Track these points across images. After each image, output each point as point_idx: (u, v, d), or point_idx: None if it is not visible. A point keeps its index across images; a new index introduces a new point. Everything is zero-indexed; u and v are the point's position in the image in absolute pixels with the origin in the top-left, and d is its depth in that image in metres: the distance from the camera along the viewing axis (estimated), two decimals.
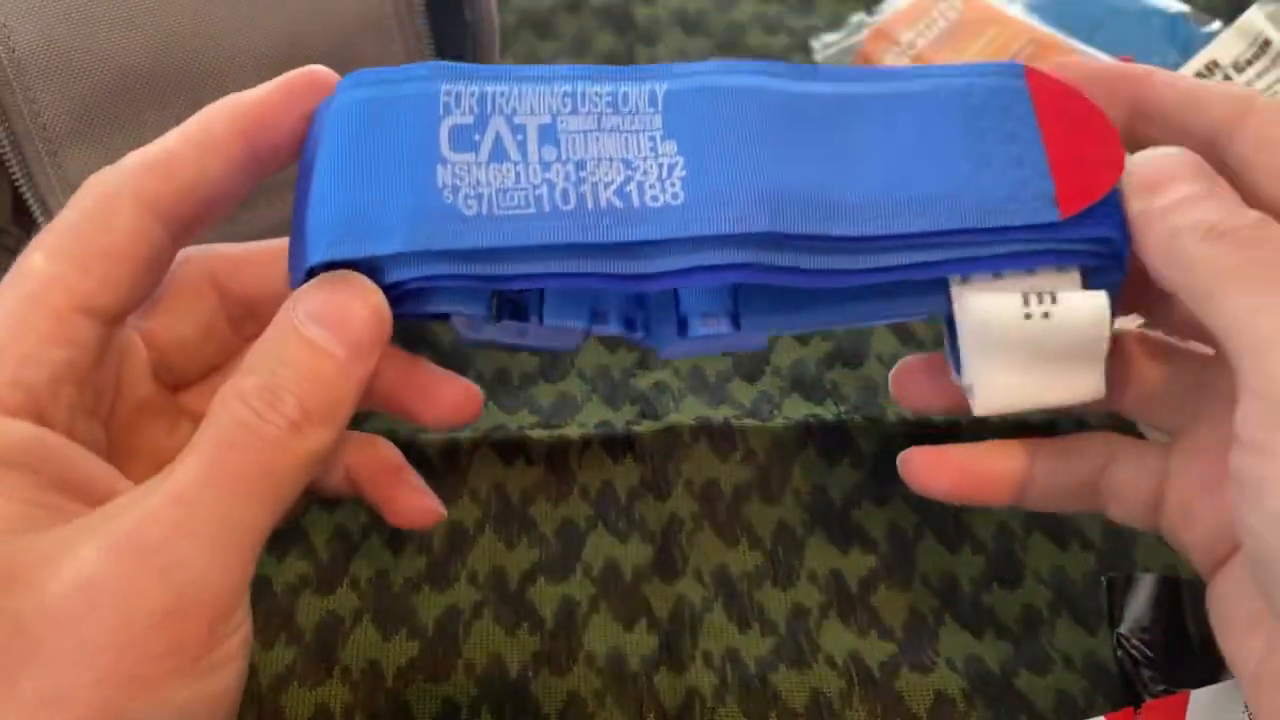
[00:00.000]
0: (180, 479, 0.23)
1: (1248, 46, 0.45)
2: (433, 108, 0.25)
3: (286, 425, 0.24)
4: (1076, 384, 0.27)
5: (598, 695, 0.35)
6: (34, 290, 0.24)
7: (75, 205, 0.25)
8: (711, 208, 0.25)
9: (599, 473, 0.40)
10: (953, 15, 0.51)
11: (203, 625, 0.23)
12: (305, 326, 0.24)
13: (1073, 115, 0.27)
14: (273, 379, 0.24)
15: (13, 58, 0.34)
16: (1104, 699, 0.35)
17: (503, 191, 0.25)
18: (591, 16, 0.56)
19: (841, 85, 0.27)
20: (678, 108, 0.26)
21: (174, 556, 0.22)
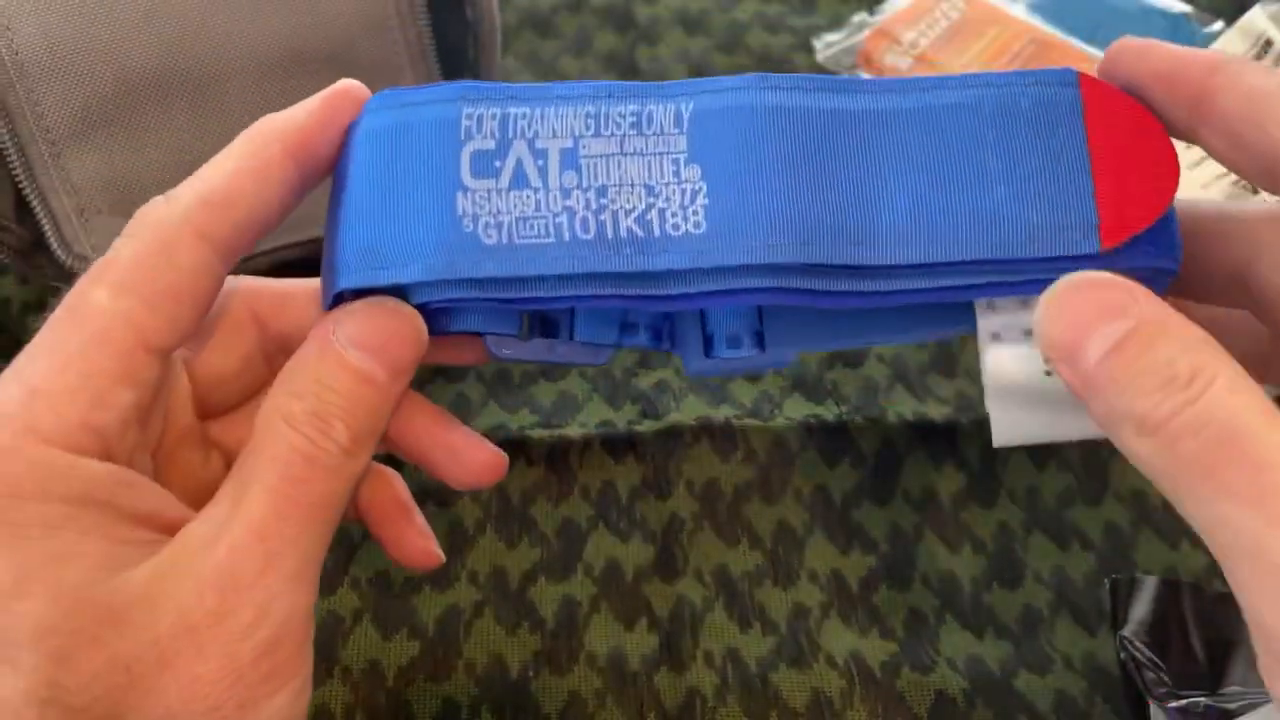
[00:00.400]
0: (255, 513, 0.24)
1: (1250, 47, 0.45)
2: (454, 133, 0.25)
3: (339, 452, 0.25)
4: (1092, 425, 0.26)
5: (598, 695, 0.35)
6: (101, 329, 0.24)
7: (135, 239, 0.25)
8: (733, 238, 0.24)
9: (600, 472, 0.40)
10: (955, 15, 0.51)
11: (293, 650, 0.24)
12: (348, 351, 0.25)
13: (1127, 130, 0.25)
14: (321, 405, 0.25)
15: (15, 59, 0.34)
16: (1104, 700, 0.35)
17: (522, 220, 0.25)
18: (592, 15, 0.56)
19: (879, 99, 0.25)
20: (703, 129, 0.25)
21: (267, 592, 0.23)
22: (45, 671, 0.21)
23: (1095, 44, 0.50)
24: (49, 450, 0.23)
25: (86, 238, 0.36)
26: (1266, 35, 0.44)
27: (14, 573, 0.22)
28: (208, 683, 0.23)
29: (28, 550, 0.22)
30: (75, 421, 0.24)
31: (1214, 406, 0.21)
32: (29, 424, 0.23)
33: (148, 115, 0.36)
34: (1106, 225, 0.24)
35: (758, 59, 0.55)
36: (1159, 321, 0.23)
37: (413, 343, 0.26)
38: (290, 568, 0.24)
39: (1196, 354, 0.22)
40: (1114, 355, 0.22)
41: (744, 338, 0.29)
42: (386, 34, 0.38)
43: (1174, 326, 0.22)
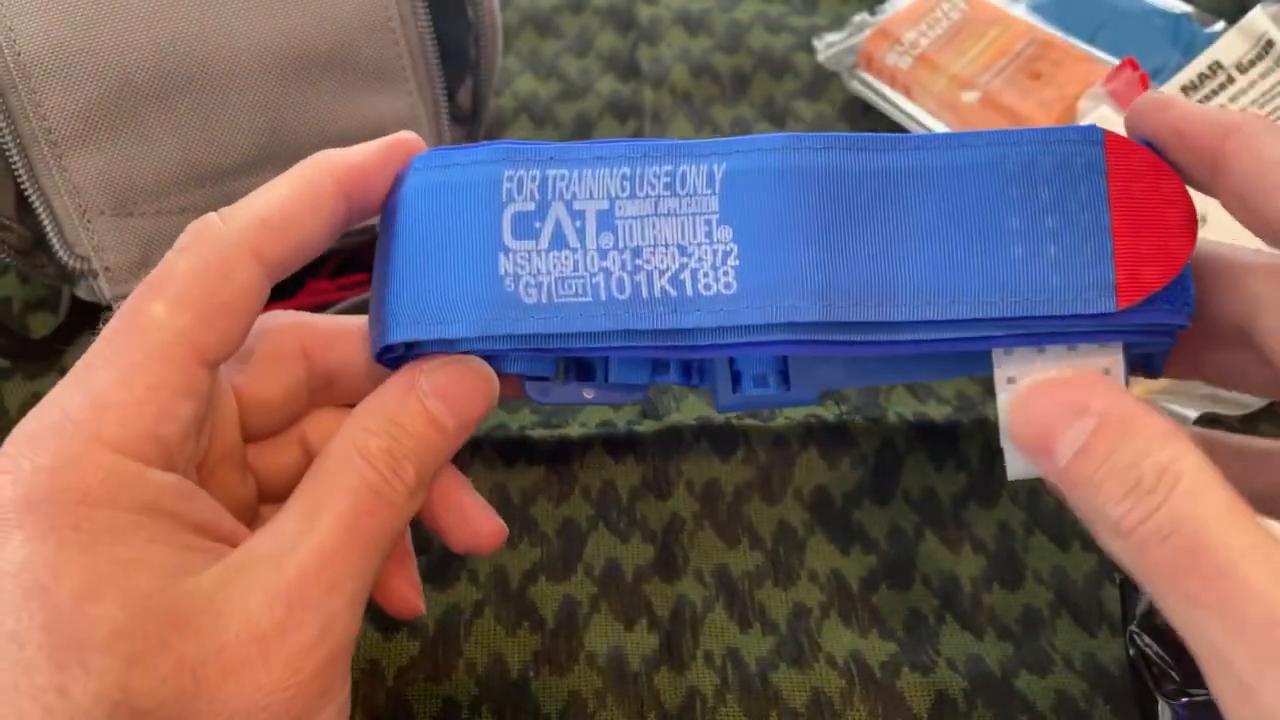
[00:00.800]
0: (326, 538, 0.25)
1: (1251, 47, 0.45)
2: (496, 194, 0.27)
3: (406, 492, 0.26)
4: None
5: (598, 695, 0.35)
6: (162, 343, 0.25)
7: (190, 253, 0.26)
8: (761, 298, 0.25)
9: (600, 472, 0.40)
10: (956, 15, 0.51)
11: (345, 669, 0.26)
12: (429, 399, 0.27)
13: (1149, 187, 0.26)
14: (396, 445, 0.26)
15: (18, 61, 0.34)
16: (1104, 700, 0.35)
17: (561, 280, 0.26)
18: (594, 15, 0.56)
19: (906, 156, 0.26)
20: (735, 190, 0.26)
21: (331, 612, 0.25)
22: (116, 674, 0.22)
23: (1096, 45, 0.50)
24: (118, 459, 0.24)
25: (89, 239, 0.36)
26: (1268, 36, 0.44)
27: (86, 577, 0.23)
28: (269, 693, 0.23)
29: (99, 555, 0.23)
30: (142, 432, 0.24)
31: (1177, 512, 0.22)
32: (97, 433, 0.24)
33: (150, 116, 0.36)
34: (1123, 285, 0.25)
35: (759, 59, 0.55)
36: (1121, 420, 0.23)
37: (485, 399, 0.28)
38: (351, 592, 0.25)
39: (1160, 452, 0.22)
40: (1081, 459, 0.23)
41: (770, 377, 0.31)
42: (388, 35, 0.38)
43: (1137, 423, 0.23)
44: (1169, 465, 0.22)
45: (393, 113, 0.39)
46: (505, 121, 0.52)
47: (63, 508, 0.23)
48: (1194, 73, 0.45)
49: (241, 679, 0.23)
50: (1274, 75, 0.44)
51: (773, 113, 0.52)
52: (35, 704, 0.21)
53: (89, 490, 0.23)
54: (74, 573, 0.22)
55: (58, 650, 0.22)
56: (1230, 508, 0.21)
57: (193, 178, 0.37)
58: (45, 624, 0.22)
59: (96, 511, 0.23)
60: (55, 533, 0.23)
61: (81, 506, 0.23)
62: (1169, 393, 0.41)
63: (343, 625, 0.25)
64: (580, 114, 0.52)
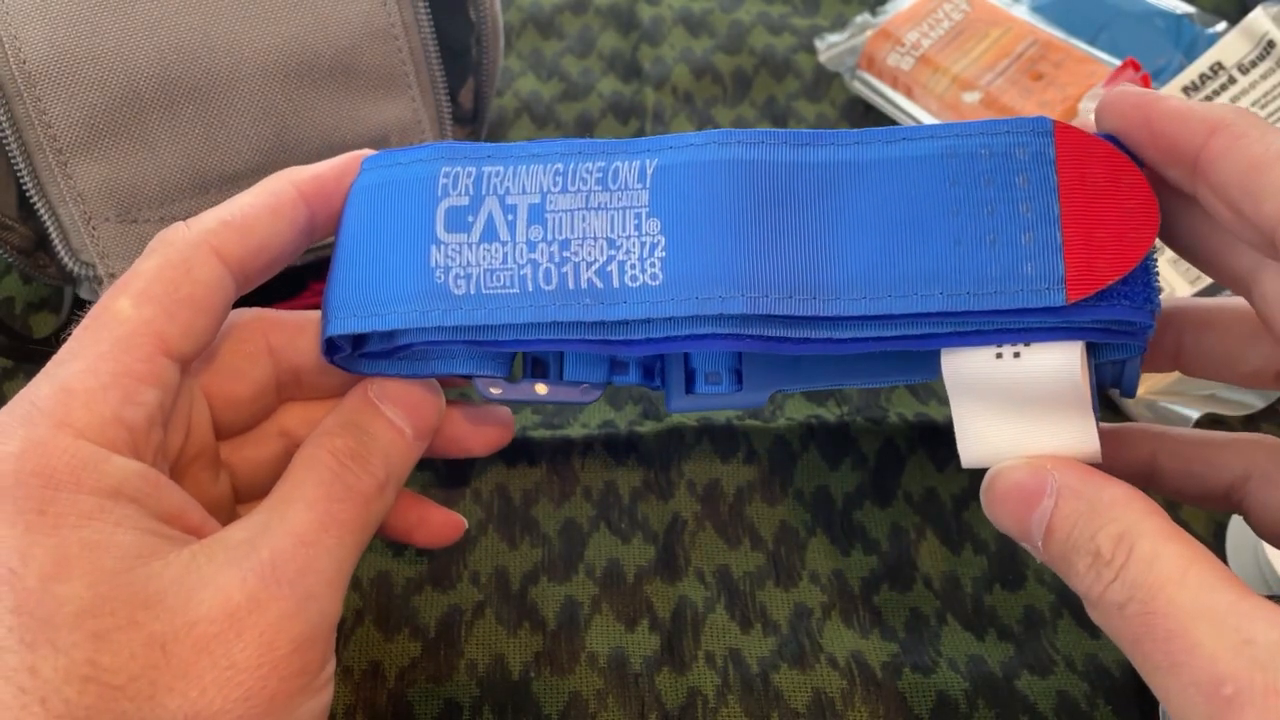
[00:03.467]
0: (300, 521, 0.26)
1: (1252, 48, 0.45)
2: (431, 190, 0.27)
3: (375, 485, 0.28)
4: (1063, 436, 0.25)
5: (599, 695, 0.35)
6: (126, 334, 0.26)
7: (156, 254, 0.27)
8: (687, 289, 0.25)
9: (601, 473, 0.40)
10: (957, 16, 0.51)
11: (323, 649, 0.26)
12: (384, 406, 0.29)
13: (1104, 178, 0.24)
14: (360, 445, 0.28)
15: (23, 69, 0.34)
16: (1105, 701, 0.35)
17: (489, 272, 0.26)
18: (596, 16, 0.56)
19: (842, 151, 0.26)
20: (666, 184, 0.26)
21: (307, 591, 0.25)
22: (85, 650, 0.22)
23: (1098, 45, 0.50)
24: (83, 444, 0.24)
25: (93, 245, 0.36)
26: (1269, 36, 0.44)
27: (53, 558, 0.23)
28: (243, 669, 0.24)
29: (65, 537, 0.23)
30: (108, 416, 0.25)
31: (1132, 580, 0.22)
32: (64, 419, 0.24)
33: (154, 124, 0.36)
34: (1074, 277, 0.24)
35: (760, 60, 0.55)
36: (1077, 493, 0.24)
37: (434, 409, 0.30)
38: (327, 573, 0.26)
39: (1115, 523, 0.23)
40: (1049, 539, 0.24)
41: (723, 375, 0.30)
42: (391, 42, 0.39)
43: (1094, 495, 0.24)
44: (1123, 534, 0.23)
45: (396, 119, 0.40)
46: (507, 122, 0.52)
47: (29, 492, 0.23)
48: (1195, 73, 0.45)
49: (214, 654, 0.23)
50: (1275, 76, 0.44)
51: (774, 113, 0.52)
52: (9, 684, 0.22)
53: (54, 473, 0.24)
54: (40, 555, 0.23)
55: (27, 630, 0.22)
56: (1184, 569, 0.22)
57: (197, 185, 0.37)
58: (14, 606, 0.22)
59: (61, 495, 0.23)
60: (23, 517, 0.23)
61: (46, 490, 0.23)
62: (1170, 393, 0.41)
63: (320, 606, 0.25)
64: (582, 114, 0.52)
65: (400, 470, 0.29)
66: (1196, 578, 0.22)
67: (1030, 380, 0.25)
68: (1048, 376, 0.25)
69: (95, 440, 0.24)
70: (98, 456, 0.24)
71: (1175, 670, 0.21)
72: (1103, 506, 0.24)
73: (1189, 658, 0.21)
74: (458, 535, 0.35)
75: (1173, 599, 0.22)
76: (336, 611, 0.26)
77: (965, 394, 0.26)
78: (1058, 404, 0.25)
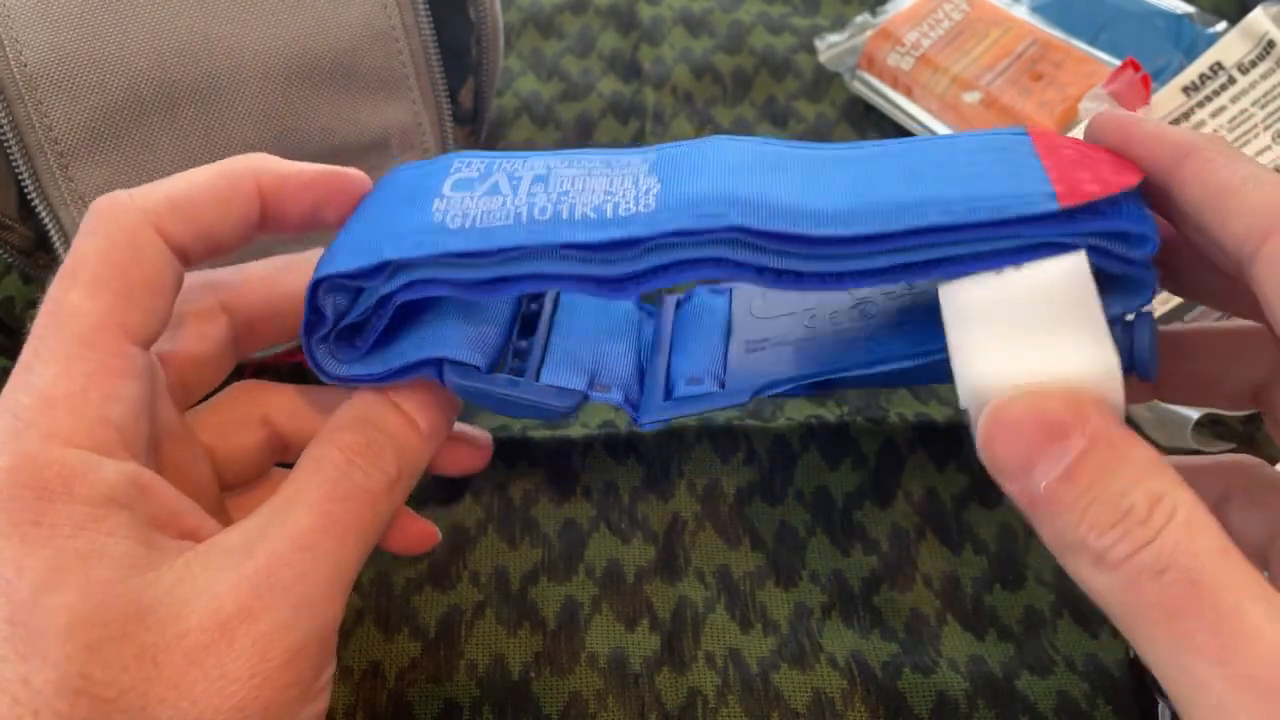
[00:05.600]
0: (299, 525, 0.25)
1: (1252, 48, 0.44)
2: (444, 169, 0.28)
3: (386, 482, 0.27)
4: (1079, 356, 0.23)
5: (599, 695, 0.35)
6: (89, 329, 0.25)
7: (99, 234, 0.26)
8: (679, 209, 0.25)
9: (601, 473, 0.40)
10: (957, 16, 0.51)
11: (321, 656, 0.25)
12: (399, 398, 0.28)
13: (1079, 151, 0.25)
14: (373, 440, 0.27)
15: (25, 72, 0.34)
16: (1105, 701, 0.35)
17: (487, 213, 0.27)
18: (596, 15, 0.56)
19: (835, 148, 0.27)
20: (664, 157, 0.27)
21: (302, 598, 0.24)
22: (77, 663, 0.22)
23: (1098, 45, 0.50)
24: (72, 452, 0.24)
25: None
26: (1269, 36, 0.44)
27: (47, 569, 0.23)
28: (235, 680, 0.23)
29: (60, 548, 0.23)
30: (93, 419, 0.24)
31: (1174, 548, 0.20)
32: (50, 429, 0.24)
33: (155, 127, 0.36)
34: (1064, 193, 0.24)
35: (760, 59, 0.55)
36: (1110, 443, 0.21)
37: (449, 405, 0.29)
38: (326, 579, 0.25)
39: (1151, 482, 0.21)
40: (1064, 483, 0.21)
41: (705, 379, 0.30)
42: (391, 44, 0.39)
43: (1126, 448, 0.21)
44: (1161, 497, 0.21)
45: (396, 121, 0.40)
46: (507, 121, 0.52)
47: (23, 504, 0.23)
48: (1195, 74, 0.45)
49: (205, 665, 0.23)
50: (1275, 76, 0.44)
51: (774, 113, 0.52)
52: (4, 695, 0.22)
53: (46, 485, 0.23)
54: (35, 566, 0.23)
55: (20, 641, 0.22)
56: (1226, 548, 0.20)
57: None
58: (9, 617, 0.22)
59: (55, 506, 0.23)
60: (18, 529, 0.23)
61: (40, 501, 0.23)
62: None
63: (318, 614, 0.25)
64: (582, 114, 0.52)
65: (413, 468, 0.28)
66: (1240, 559, 0.20)
67: (1036, 294, 0.24)
68: (1055, 286, 0.24)
69: (84, 446, 0.24)
70: (88, 464, 0.24)
71: (1227, 656, 0.19)
72: (1138, 462, 0.21)
73: (1248, 646, 0.19)
74: (430, 545, 0.34)
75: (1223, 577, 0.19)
76: (337, 617, 0.26)
77: (966, 323, 0.25)
78: (1068, 320, 0.24)
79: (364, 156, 0.39)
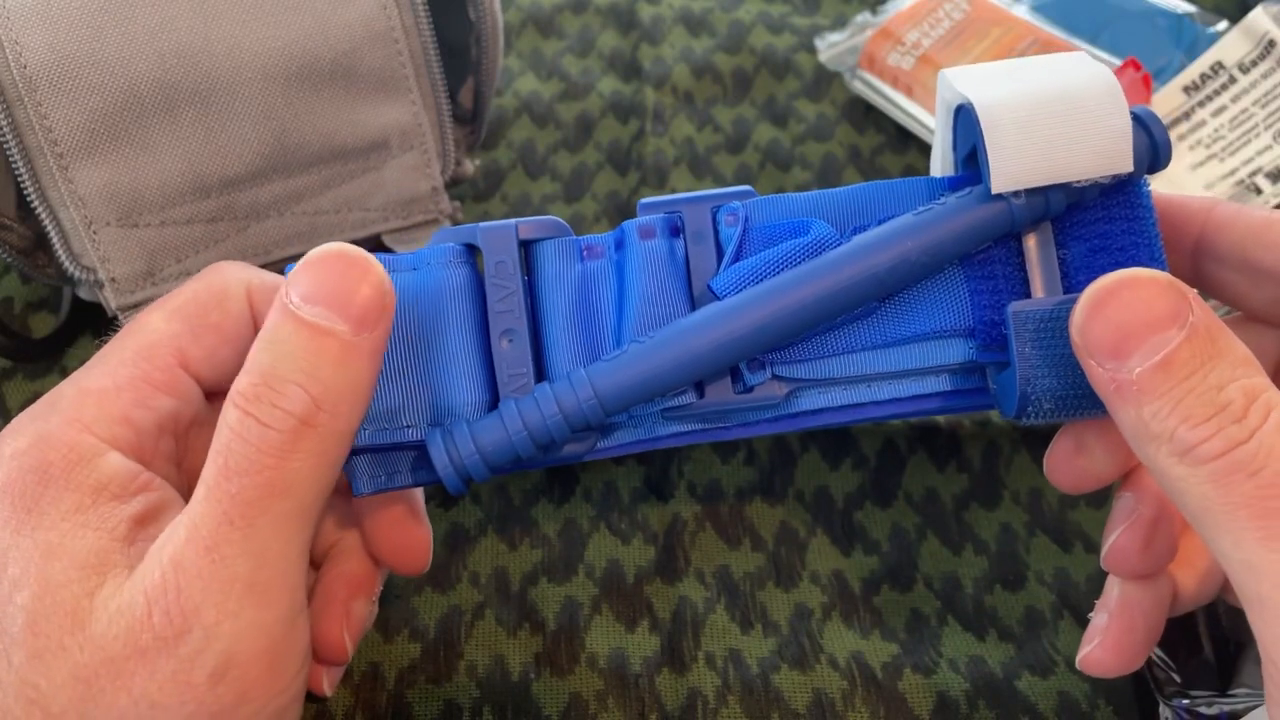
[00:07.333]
0: (195, 519, 0.22)
1: (1253, 47, 0.44)
2: None
3: (293, 423, 0.23)
4: (1100, 142, 0.25)
5: (599, 696, 0.35)
6: (149, 343, 0.26)
7: (201, 279, 0.28)
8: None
9: (601, 474, 0.40)
10: (958, 15, 0.51)
11: (264, 668, 0.23)
12: (302, 309, 0.23)
13: None
14: (273, 370, 0.23)
15: (24, 74, 0.34)
16: (1106, 702, 0.35)
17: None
18: (596, 15, 0.56)
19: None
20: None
21: (218, 610, 0.22)
22: (26, 671, 0.22)
23: (1099, 45, 0.50)
24: (86, 437, 0.24)
25: (94, 250, 0.36)
26: (1270, 36, 0.44)
27: (23, 563, 0.23)
28: (164, 707, 0.22)
29: (37, 540, 0.23)
30: (116, 415, 0.25)
31: (1272, 448, 0.20)
32: (75, 416, 0.25)
33: (155, 128, 0.36)
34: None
35: (761, 59, 0.55)
36: (1211, 336, 0.21)
37: (374, 289, 0.24)
38: (243, 577, 0.22)
39: (1247, 379, 0.21)
40: (1160, 371, 0.21)
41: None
42: (391, 45, 0.38)
43: (1225, 343, 0.21)
44: (1256, 395, 0.20)
45: (396, 122, 0.40)
46: (506, 121, 0.51)
47: (25, 489, 0.23)
48: (1196, 73, 0.45)
49: (133, 693, 0.22)
50: (1275, 76, 0.44)
51: (774, 113, 0.52)
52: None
53: (49, 468, 0.24)
54: (16, 559, 0.23)
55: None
56: None
57: (198, 188, 0.37)
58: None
59: (50, 491, 0.23)
60: (15, 516, 0.23)
61: (39, 486, 0.24)
62: None
63: (240, 623, 0.22)
64: (582, 114, 0.52)
65: (345, 380, 0.23)
66: None
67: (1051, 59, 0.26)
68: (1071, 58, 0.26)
69: (100, 436, 0.25)
70: (95, 451, 0.24)
71: None
72: (1235, 358, 0.21)
73: None
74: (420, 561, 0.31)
75: None
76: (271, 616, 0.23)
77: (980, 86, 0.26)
78: (1088, 94, 0.26)
79: (364, 157, 0.39)
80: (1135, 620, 0.28)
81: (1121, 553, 0.28)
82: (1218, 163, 0.44)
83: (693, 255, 0.28)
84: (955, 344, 0.28)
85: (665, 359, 0.26)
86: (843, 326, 0.28)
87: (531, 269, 0.28)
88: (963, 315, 0.27)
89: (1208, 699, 0.32)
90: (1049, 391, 0.25)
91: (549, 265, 0.28)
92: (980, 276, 0.27)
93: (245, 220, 0.38)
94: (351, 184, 0.39)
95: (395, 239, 0.41)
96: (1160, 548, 0.28)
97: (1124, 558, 0.28)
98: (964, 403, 0.28)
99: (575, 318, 0.28)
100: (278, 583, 0.23)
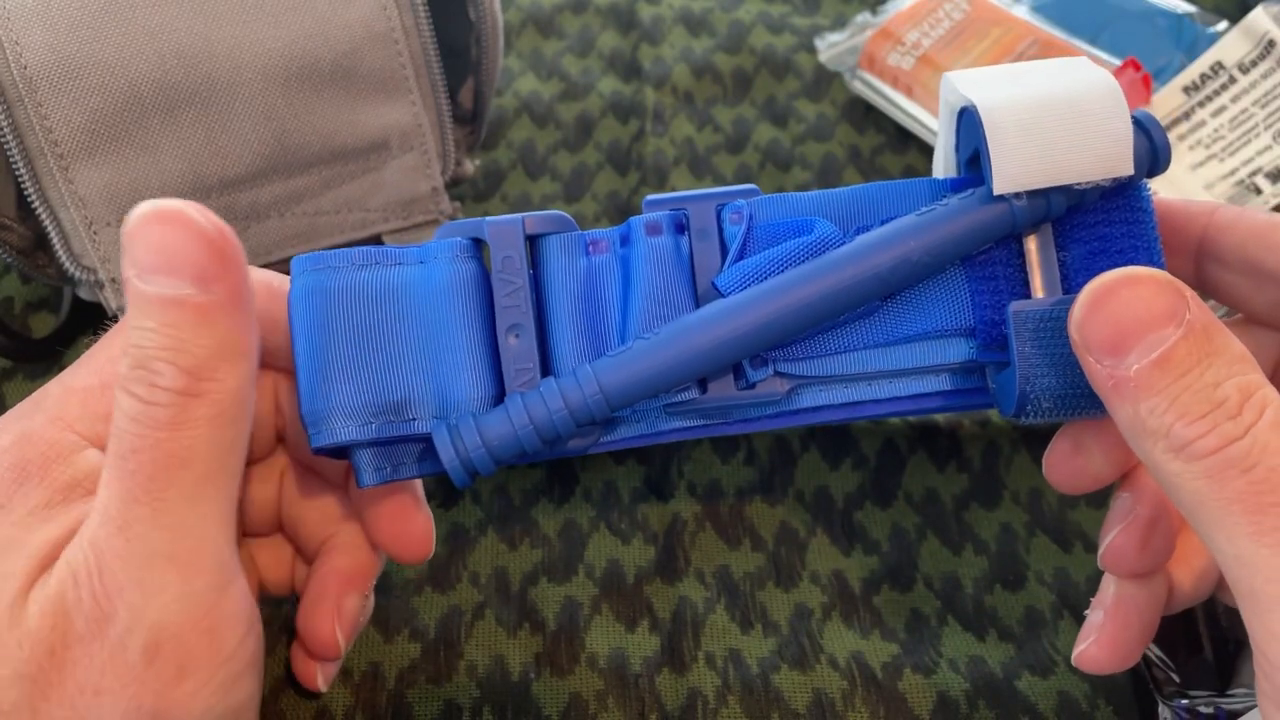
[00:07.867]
0: (105, 501, 0.22)
1: (1253, 47, 0.44)
2: None
3: (174, 398, 0.22)
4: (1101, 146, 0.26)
5: (599, 696, 0.35)
6: None
7: None
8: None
9: (601, 474, 0.40)
10: (958, 15, 0.51)
11: (198, 641, 0.23)
12: (146, 283, 0.22)
13: None
14: (139, 352, 0.22)
15: (25, 74, 0.34)
16: (1106, 702, 0.35)
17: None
18: (596, 15, 0.56)
19: None
20: None
21: (140, 587, 0.22)
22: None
23: (1099, 45, 0.50)
24: (67, 434, 0.24)
25: (95, 250, 0.36)
26: (1270, 36, 0.44)
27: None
28: (109, 692, 0.22)
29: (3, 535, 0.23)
30: (99, 413, 0.25)
31: (1266, 444, 0.20)
32: (58, 413, 0.25)
33: (155, 128, 0.36)
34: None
35: (760, 59, 0.55)
36: (1208, 334, 0.21)
37: (209, 242, 0.22)
38: (161, 551, 0.22)
39: (1243, 376, 0.21)
40: (1157, 368, 0.21)
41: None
42: (391, 45, 0.38)
43: (1222, 340, 0.22)
44: (1252, 392, 0.21)
45: (396, 122, 0.40)
46: (506, 121, 0.51)
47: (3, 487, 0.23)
48: (1196, 73, 0.45)
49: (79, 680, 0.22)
50: (1275, 76, 0.44)
51: (774, 113, 0.52)
52: None
53: (28, 464, 0.24)
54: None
55: None
56: None
57: (198, 189, 0.37)
58: None
59: (24, 487, 0.23)
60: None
61: (14, 484, 0.23)
62: None
63: (166, 599, 0.22)
64: (582, 114, 0.52)
65: (213, 344, 0.22)
66: None
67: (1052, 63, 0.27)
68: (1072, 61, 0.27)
69: (82, 433, 0.25)
70: (74, 447, 0.24)
71: None
72: (1231, 355, 0.21)
73: None
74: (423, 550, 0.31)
75: None
76: (198, 587, 0.22)
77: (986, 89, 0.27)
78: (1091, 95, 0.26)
79: (364, 157, 0.39)
80: (1130, 618, 0.28)
81: (1119, 552, 0.28)
82: (1217, 163, 0.44)
83: (697, 252, 0.28)
84: (956, 343, 0.28)
85: (670, 355, 0.26)
86: (845, 325, 0.28)
87: (537, 263, 0.28)
88: (963, 315, 0.27)
89: (1207, 699, 0.32)
90: (1048, 391, 0.25)
91: (554, 260, 0.28)
92: (981, 277, 0.27)
93: (245, 221, 0.38)
94: (351, 184, 0.40)
95: (395, 239, 0.41)
96: (1157, 547, 0.28)
97: (1121, 557, 0.28)
98: (964, 402, 0.29)
99: (580, 313, 0.28)
100: (199, 551, 0.23)
